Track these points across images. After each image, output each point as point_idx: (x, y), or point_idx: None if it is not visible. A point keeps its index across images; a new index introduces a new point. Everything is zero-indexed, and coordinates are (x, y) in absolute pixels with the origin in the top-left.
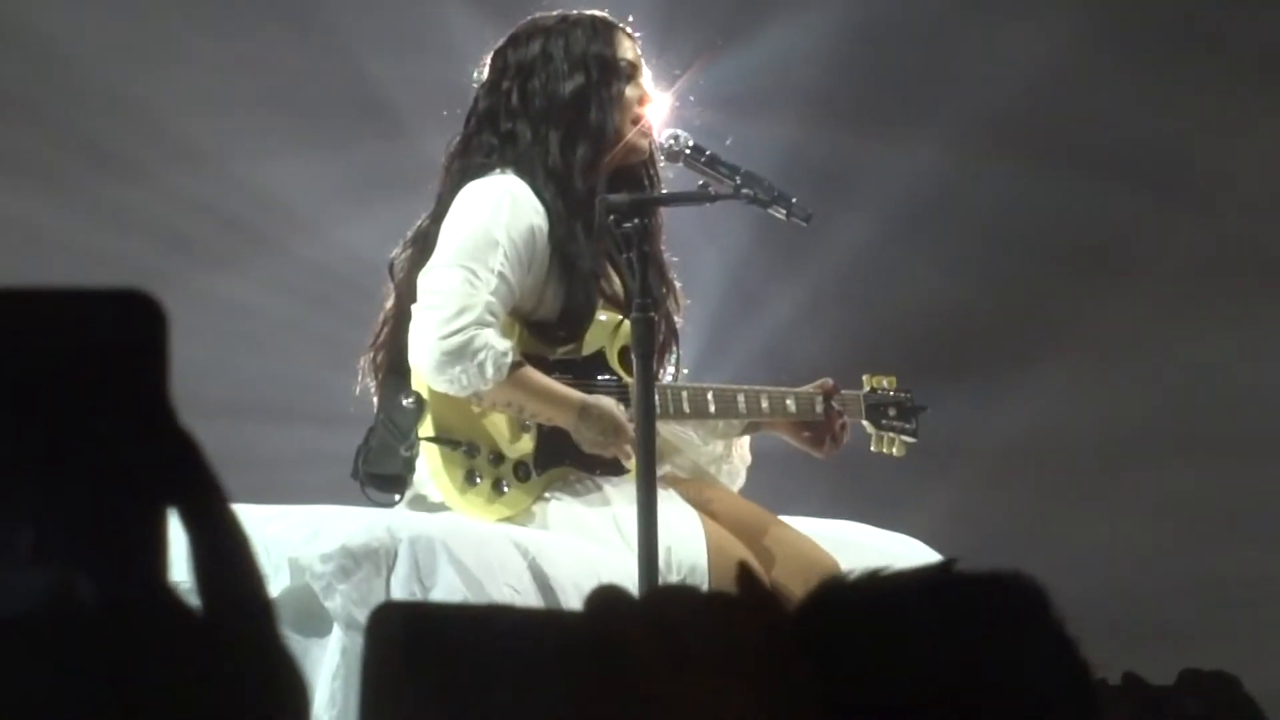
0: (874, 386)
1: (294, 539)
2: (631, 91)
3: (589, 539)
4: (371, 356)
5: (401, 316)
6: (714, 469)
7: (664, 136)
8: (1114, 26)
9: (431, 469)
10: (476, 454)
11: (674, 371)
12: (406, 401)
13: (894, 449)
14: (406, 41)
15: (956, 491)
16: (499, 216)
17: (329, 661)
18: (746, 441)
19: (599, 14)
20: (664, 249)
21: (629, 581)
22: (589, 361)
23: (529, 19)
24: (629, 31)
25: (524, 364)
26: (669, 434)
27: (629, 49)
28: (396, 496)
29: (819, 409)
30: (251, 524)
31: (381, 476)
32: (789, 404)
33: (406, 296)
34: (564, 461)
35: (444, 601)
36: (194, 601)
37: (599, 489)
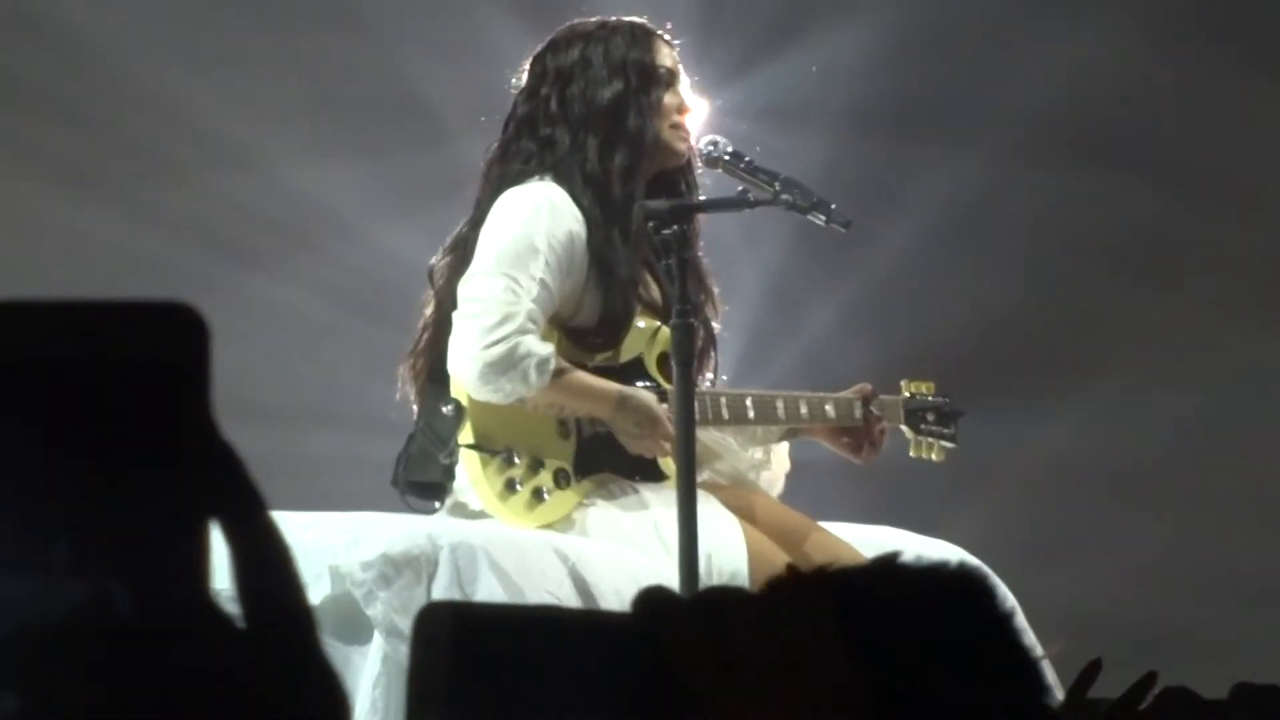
0: (912, 391)
1: (335, 546)
2: (670, 98)
3: (629, 545)
4: (411, 363)
5: (441, 323)
6: (753, 475)
7: (703, 142)
8: (1159, 30)
9: (471, 476)
10: (516, 461)
11: (712, 378)
12: (446, 409)
13: (933, 454)
14: (449, 46)
15: (995, 503)
16: (538, 223)
17: (370, 669)
18: (785, 448)
19: (638, 20)
20: (702, 255)
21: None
22: (627, 368)
23: (568, 25)
24: (668, 38)
25: (566, 367)
26: (708, 440)
27: (668, 56)
28: (437, 504)
29: (858, 414)
30: (292, 531)
31: (421, 484)
32: (828, 409)
33: (447, 303)
34: (603, 468)
35: (491, 603)
36: (235, 610)
37: (638, 495)
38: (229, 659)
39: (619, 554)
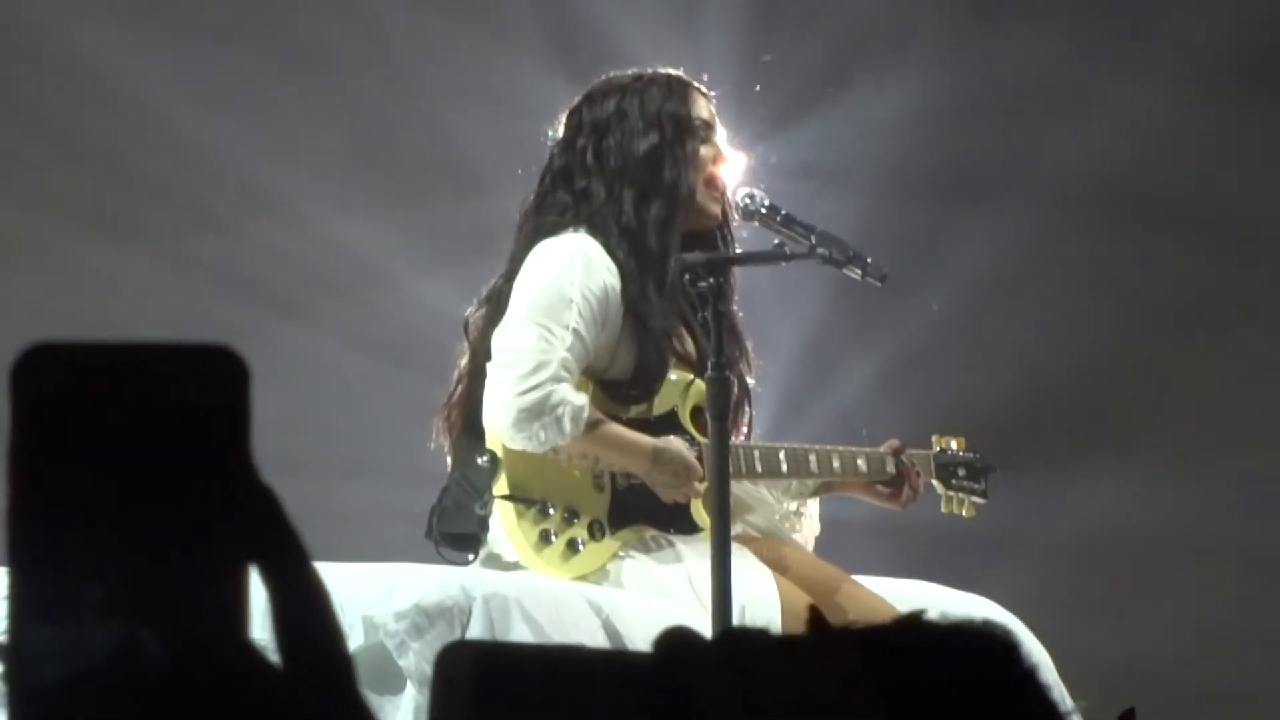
0: (943, 446)
1: (369, 596)
2: (706, 150)
3: (663, 597)
4: (446, 415)
5: (476, 375)
6: (786, 526)
7: (740, 195)
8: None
9: (506, 527)
10: (551, 512)
11: (747, 432)
12: (482, 460)
13: (964, 509)
14: (487, 99)
15: (1037, 561)
16: (572, 274)
17: (402, 719)
18: (816, 508)
19: (674, 72)
20: (737, 309)
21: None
22: (661, 421)
23: (604, 78)
24: (704, 90)
25: (600, 418)
26: (741, 492)
27: (704, 107)
28: (471, 556)
29: (890, 468)
30: (326, 581)
31: (456, 535)
32: (860, 463)
33: (481, 355)
34: (638, 520)
35: (512, 642)
36: (274, 658)
37: (673, 547)
38: (267, 705)
39: (653, 606)
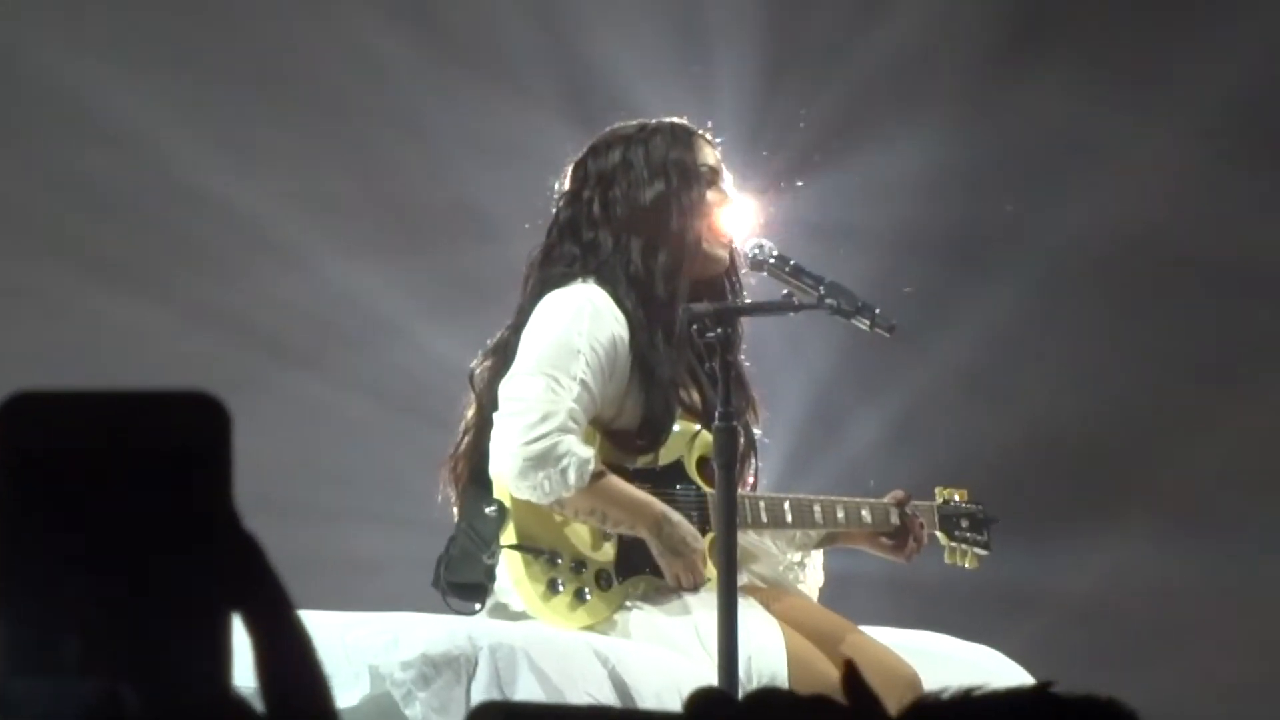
0: (946, 498)
1: (374, 646)
2: (713, 195)
3: (669, 648)
4: (452, 466)
5: (483, 426)
6: (791, 577)
7: (748, 245)
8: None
9: (514, 577)
10: (558, 562)
11: (753, 483)
12: (489, 510)
13: (967, 561)
14: (497, 150)
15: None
16: (580, 325)
17: None
18: (820, 561)
19: (678, 121)
20: (744, 360)
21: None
22: (667, 471)
23: (609, 129)
24: (709, 138)
25: (605, 472)
26: (746, 543)
27: (709, 154)
28: (477, 605)
29: (894, 520)
30: (332, 630)
31: (463, 585)
32: (864, 514)
33: (488, 406)
34: (645, 570)
35: (542, 703)
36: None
37: (679, 598)
38: None
39: (659, 656)
